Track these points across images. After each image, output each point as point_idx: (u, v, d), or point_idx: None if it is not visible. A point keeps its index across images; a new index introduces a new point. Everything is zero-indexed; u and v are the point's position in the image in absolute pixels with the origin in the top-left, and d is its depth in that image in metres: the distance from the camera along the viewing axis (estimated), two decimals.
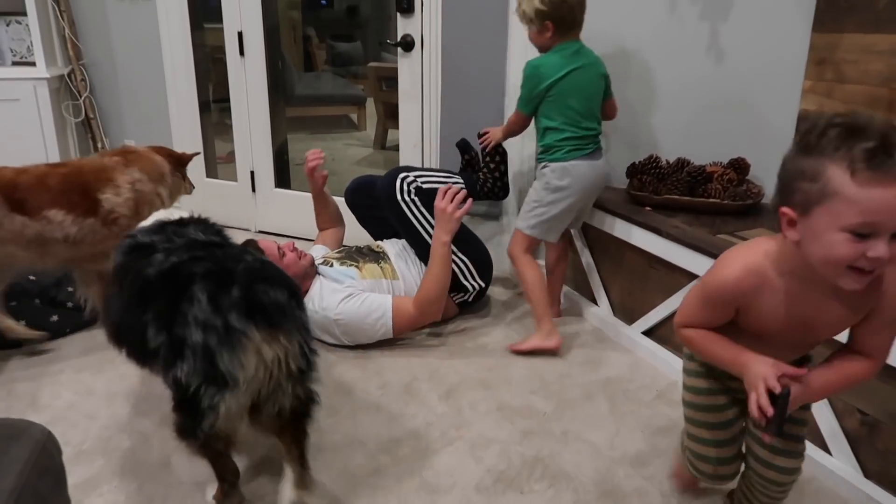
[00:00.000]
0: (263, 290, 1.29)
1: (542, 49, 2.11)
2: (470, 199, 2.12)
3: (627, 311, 2.26)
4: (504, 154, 2.36)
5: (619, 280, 2.30)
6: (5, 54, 3.14)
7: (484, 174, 2.35)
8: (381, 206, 2.28)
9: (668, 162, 2.26)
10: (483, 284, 2.32)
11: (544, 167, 2.13)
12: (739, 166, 2.20)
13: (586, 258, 2.43)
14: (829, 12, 2.05)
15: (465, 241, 2.29)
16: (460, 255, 2.25)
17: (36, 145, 3.06)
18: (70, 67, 3.28)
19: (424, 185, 2.24)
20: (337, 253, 2.35)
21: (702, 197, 2.13)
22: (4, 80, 2.97)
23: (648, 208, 2.19)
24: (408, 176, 2.24)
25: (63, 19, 3.20)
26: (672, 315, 2.05)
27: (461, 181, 2.29)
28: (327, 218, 2.54)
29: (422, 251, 2.24)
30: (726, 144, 2.29)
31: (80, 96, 3.30)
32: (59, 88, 3.23)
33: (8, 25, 3.11)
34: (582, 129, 2.07)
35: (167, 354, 1.26)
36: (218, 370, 1.21)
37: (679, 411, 1.81)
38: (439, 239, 2.11)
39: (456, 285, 2.26)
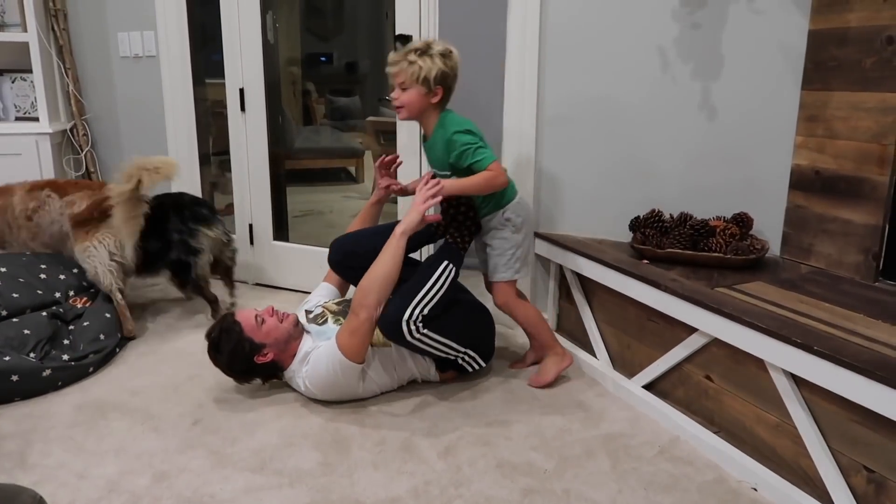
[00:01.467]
0: (198, 208, 2.71)
1: (416, 113, 2.10)
2: (437, 196, 2.02)
3: (627, 365, 2.25)
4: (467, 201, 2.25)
5: (618, 333, 2.29)
6: (9, 110, 3.19)
7: (452, 234, 2.20)
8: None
9: (671, 216, 2.28)
10: (485, 363, 2.29)
11: (504, 213, 2.17)
12: (742, 221, 2.22)
13: (584, 311, 2.43)
14: (817, 72, 2.11)
15: (472, 327, 2.24)
16: (462, 349, 2.18)
17: None
18: (72, 122, 3.33)
19: (427, 312, 2.06)
20: (336, 305, 2.30)
21: (704, 251, 2.15)
22: (7, 136, 3.01)
23: (646, 261, 2.20)
24: (411, 313, 2.02)
25: (68, 76, 3.27)
26: (672, 369, 2.04)
27: (453, 269, 2.15)
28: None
29: (429, 356, 2.19)
30: (722, 199, 2.33)
31: (82, 150, 3.34)
32: (60, 143, 3.27)
33: (13, 82, 3.17)
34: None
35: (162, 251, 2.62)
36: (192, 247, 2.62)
37: (682, 468, 1.79)
38: (395, 231, 2.03)
39: (458, 368, 2.24)
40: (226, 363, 2.08)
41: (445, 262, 2.12)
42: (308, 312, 2.27)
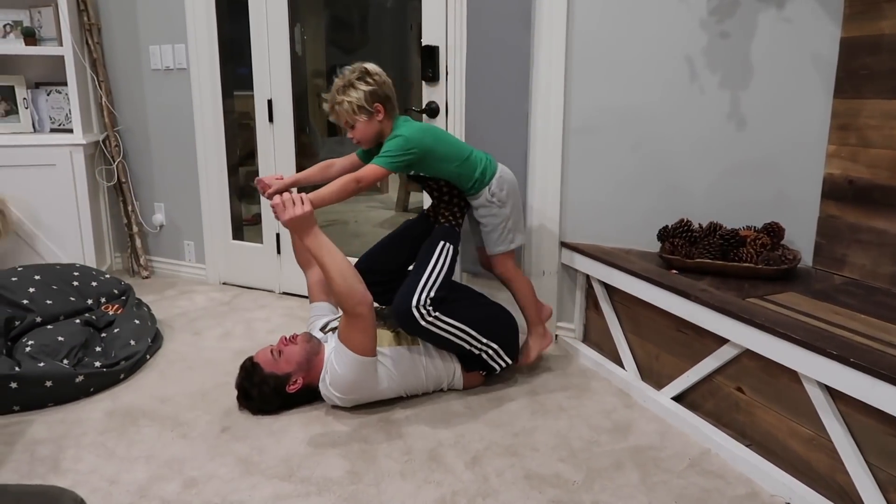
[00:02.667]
0: None
1: (373, 137, 2.13)
2: (301, 197, 1.95)
3: (655, 376, 2.22)
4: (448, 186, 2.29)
5: (646, 344, 2.27)
6: (45, 122, 3.27)
7: (444, 216, 2.26)
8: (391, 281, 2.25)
9: (700, 226, 2.26)
10: (511, 361, 2.28)
11: (488, 190, 2.21)
12: (773, 231, 2.19)
13: (612, 321, 2.41)
14: (849, 80, 2.08)
15: (492, 320, 2.23)
16: (485, 340, 2.18)
17: (69, 208, 3.14)
18: (105, 134, 3.39)
19: (434, 294, 2.09)
20: None
21: (735, 261, 2.12)
22: (43, 147, 3.08)
23: (675, 271, 2.18)
24: (419, 298, 2.06)
25: (101, 89, 3.34)
26: (703, 381, 2.02)
27: (451, 246, 2.20)
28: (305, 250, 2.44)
29: (448, 348, 2.18)
30: (752, 208, 2.30)
31: (114, 161, 3.41)
32: (93, 154, 3.34)
33: (49, 95, 3.24)
34: (472, 150, 2.23)
35: None
36: None
37: (714, 482, 1.76)
38: (309, 235, 1.96)
39: (485, 367, 2.23)
40: (259, 406, 2.08)
41: (442, 242, 2.18)
42: (323, 328, 2.28)
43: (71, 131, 3.18)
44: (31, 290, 2.41)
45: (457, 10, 2.57)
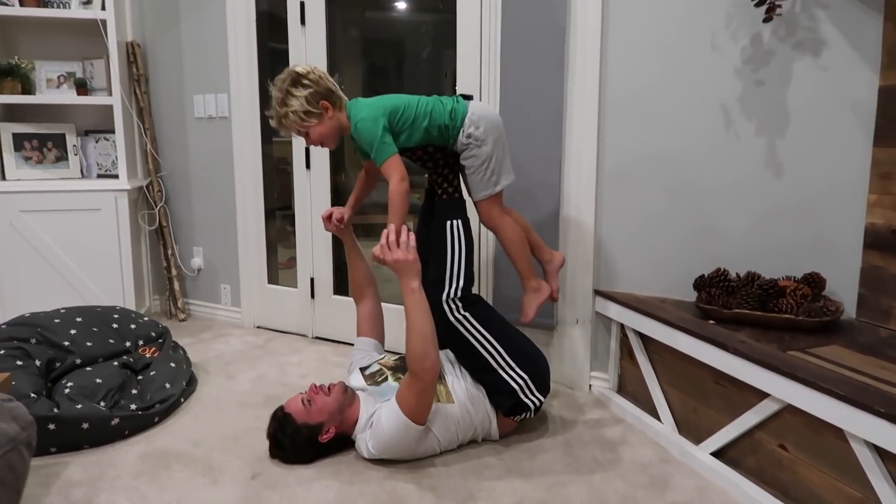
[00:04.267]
0: None
1: (332, 134, 2.08)
2: (412, 235, 1.96)
3: (693, 430, 2.16)
4: (450, 158, 2.22)
5: (683, 396, 2.21)
6: (92, 168, 3.39)
7: (441, 187, 2.21)
8: None
9: (737, 275, 2.22)
10: (543, 399, 2.23)
11: (463, 133, 2.09)
12: (814, 281, 2.13)
13: (647, 372, 2.36)
14: (890, 128, 2.05)
15: (523, 354, 2.20)
16: (519, 371, 2.15)
17: (111, 251, 3.22)
18: (149, 179, 3.51)
19: (463, 283, 2.12)
20: (393, 360, 2.31)
21: (774, 312, 2.07)
22: (90, 192, 3.19)
23: (712, 322, 2.13)
24: (448, 291, 2.10)
25: (146, 136, 3.46)
26: (743, 436, 1.95)
27: (457, 221, 2.16)
28: (361, 282, 2.48)
29: (472, 362, 2.17)
30: (791, 258, 2.25)
31: (156, 206, 3.51)
32: (137, 199, 3.44)
33: (97, 142, 3.37)
34: (436, 97, 2.14)
35: None
36: None
37: None
38: (409, 287, 1.96)
39: (516, 406, 2.16)
40: (292, 457, 2.06)
41: (448, 222, 2.14)
42: (363, 370, 2.28)
43: (117, 177, 3.29)
44: (73, 331, 2.47)
45: (491, 59, 2.62)
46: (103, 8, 3.11)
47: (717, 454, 2.04)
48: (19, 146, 3.22)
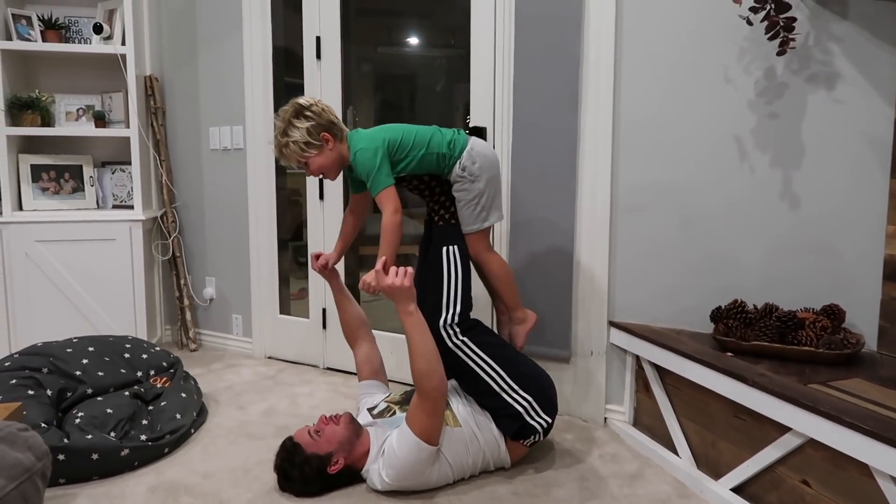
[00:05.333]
0: None
1: (333, 165, 2.12)
2: (409, 268, 1.97)
3: (712, 465, 2.11)
4: (446, 185, 2.24)
5: (701, 430, 2.17)
6: (108, 198, 3.42)
7: (438, 214, 2.23)
8: None
9: (754, 307, 2.20)
10: (551, 420, 2.18)
11: (459, 164, 2.14)
12: (834, 313, 2.10)
13: (664, 405, 2.32)
14: None
15: (526, 376, 2.17)
16: (523, 393, 2.13)
17: (125, 281, 3.23)
18: (163, 210, 3.53)
19: (460, 308, 2.12)
20: (400, 396, 2.28)
21: (793, 344, 2.04)
22: (105, 222, 3.21)
23: (729, 354, 2.10)
24: (445, 317, 2.11)
25: (162, 167, 3.50)
26: (764, 471, 1.91)
27: (454, 247, 2.17)
28: (353, 325, 2.48)
29: (474, 387, 2.15)
30: (808, 290, 2.23)
31: (170, 236, 3.53)
32: (151, 229, 3.47)
33: (113, 173, 3.41)
34: (437, 128, 2.20)
35: None
36: None
37: None
38: (405, 311, 1.95)
39: (523, 428, 2.13)
40: (300, 488, 2.03)
41: (444, 248, 2.16)
42: (370, 410, 2.25)
43: (132, 207, 3.32)
44: (85, 361, 2.46)
45: (504, 92, 2.64)
46: (123, 43, 3.18)
47: (737, 490, 1.99)
48: (37, 177, 3.26)
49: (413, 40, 4.12)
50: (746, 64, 2.27)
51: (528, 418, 2.13)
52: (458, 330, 2.10)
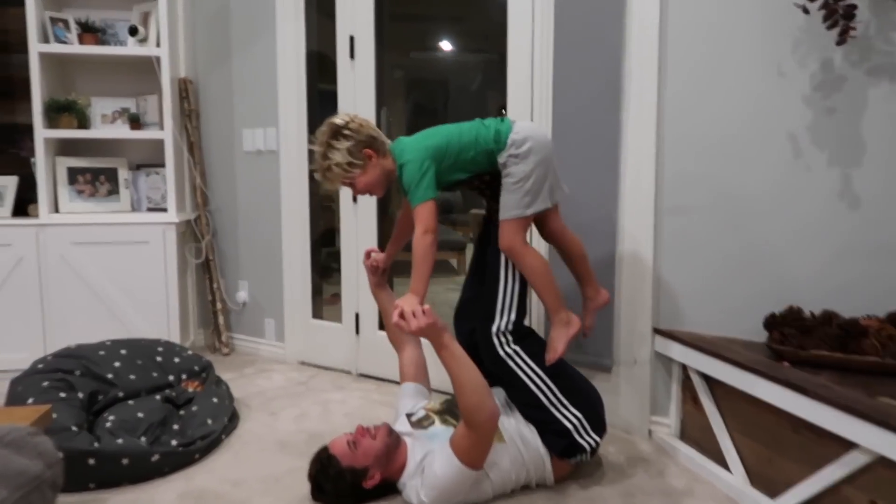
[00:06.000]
0: None
1: (379, 182, 2.02)
2: (427, 306, 1.88)
3: (768, 483, 1.98)
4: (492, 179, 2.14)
5: (756, 445, 2.04)
6: (142, 201, 3.42)
7: (496, 209, 2.10)
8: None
9: (811, 314, 2.07)
10: (600, 439, 2.08)
11: (506, 151, 2.00)
12: None
13: (714, 418, 2.20)
14: None
15: (577, 392, 2.08)
16: (573, 409, 2.04)
17: (158, 284, 3.22)
18: (197, 213, 3.52)
19: (514, 316, 2.05)
20: (440, 404, 2.19)
21: (856, 354, 1.91)
22: (139, 224, 3.20)
23: (786, 364, 1.98)
24: (499, 324, 2.04)
25: (196, 170, 3.48)
26: (827, 491, 1.77)
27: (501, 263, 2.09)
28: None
29: (522, 398, 2.07)
30: (870, 295, 2.09)
31: (203, 239, 3.51)
32: (184, 232, 3.45)
33: (148, 176, 3.40)
34: (480, 121, 2.09)
35: None
36: None
37: None
38: (441, 345, 1.86)
39: (571, 447, 2.03)
40: (333, 501, 1.95)
41: (502, 254, 2.06)
42: (409, 416, 2.17)
43: (166, 210, 3.31)
44: (117, 364, 2.43)
45: (542, 88, 2.55)
46: (158, 45, 3.17)
47: None
48: (73, 179, 3.26)
49: (445, 45, 4.06)
50: (802, 56, 2.15)
51: (576, 436, 2.03)
52: (510, 338, 2.01)
